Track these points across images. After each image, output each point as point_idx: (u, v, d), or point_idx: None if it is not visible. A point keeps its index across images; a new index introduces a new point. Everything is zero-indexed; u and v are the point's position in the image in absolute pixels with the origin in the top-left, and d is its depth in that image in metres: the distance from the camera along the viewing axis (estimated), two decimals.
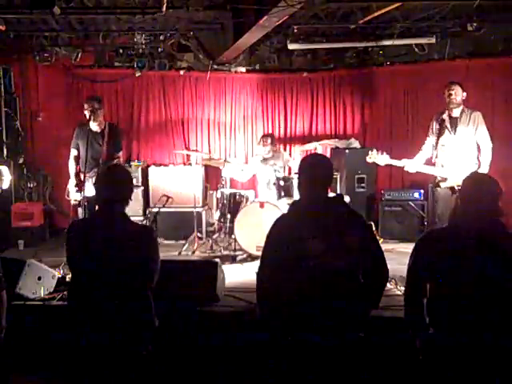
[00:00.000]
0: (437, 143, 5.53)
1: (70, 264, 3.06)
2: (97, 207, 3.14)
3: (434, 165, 5.59)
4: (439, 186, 5.48)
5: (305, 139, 8.19)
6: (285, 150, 8.09)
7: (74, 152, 6.02)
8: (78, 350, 2.91)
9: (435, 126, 5.58)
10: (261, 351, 3.10)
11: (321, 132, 8.39)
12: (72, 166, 5.99)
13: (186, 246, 6.75)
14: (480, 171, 5.00)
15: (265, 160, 7.17)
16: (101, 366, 2.86)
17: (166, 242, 7.08)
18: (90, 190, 5.78)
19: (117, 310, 2.83)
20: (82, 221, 4.41)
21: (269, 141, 7.16)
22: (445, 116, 5.52)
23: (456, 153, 5.45)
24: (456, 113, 5.49)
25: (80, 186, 5.68)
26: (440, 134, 5.51)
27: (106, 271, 2.83)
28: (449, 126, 5.48)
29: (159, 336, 3.06)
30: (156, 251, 2.96)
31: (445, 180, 5.39)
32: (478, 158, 5.46)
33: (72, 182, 5.91)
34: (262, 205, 6.35)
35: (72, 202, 5.96)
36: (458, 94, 5.42)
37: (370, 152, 5.66)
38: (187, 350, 4.11)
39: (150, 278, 2.90)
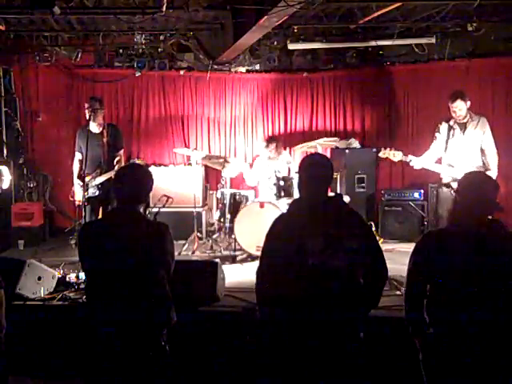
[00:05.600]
0: (446, 145, 5.58)
1: (85, 265, 3.08)
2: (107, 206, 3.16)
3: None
4: (449, 187, 5.49)
5: (305, 139, 8.17)
6: (284, 149, 8.08)
7: (78, 155, 6.07)
8: (97, 345, 2.94)
9: (444, 129, 5.62)
10: (260, 351, 3.09)
11: (321, 132, 8.38)
12: (76, 169, 6.03)
13: (186, 245, 6.75)
14: (489, 173, 5.02)
15: (268, 162, 7.19)
16: (120, 359, 2.89)
17: None
18: (91, 190, 5.82)
19: (137, 304, 2.88)
20: (93, 222, 4.45)
21: (274, 145, 7.19)
22: (452, 122, 5.60)
23: (464, 153, 5.54)
24: (464, 119, 5.56)
25: (83, 186, 5.71)
26: (449, 135, 5.58)
27: (125, 268, 2.88)
28: (458, 128, 5.57)
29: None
30: (172, 245, 3.06)
31: (455, 180, 5.42)
32: (482, 161, 5.52)
33: (76, 183, 5.94)
34: (262, 205, 6.35)
35: (77, 203, 6.00)
36: (462, 109, 5.50)
37: (382, 149, 5.73)
38: (187, 349, 4.11)
39: (167, 271, 2.99)
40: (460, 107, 5.47)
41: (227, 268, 5.40)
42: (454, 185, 5.43)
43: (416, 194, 7.44)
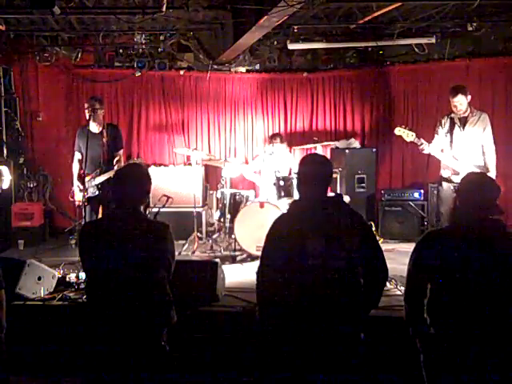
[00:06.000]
0: (451, 139, 5.59)
1: (86, 265, 3.08)
2: (108, 206, 3.19)
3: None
4: (450, 182, 5.49)
5: (305, 139, 8.19)
6: (285, 141, 8.03)
7: (77, 155, 6.07)
8: (97, 345, 2.94)
9: (445, 123, 5.63)
10: (260, 351, 3.09)
11: (321, 132, 8.38)
12: (76, 169, 6.03)
13: (186, 245, 6.75)
14: (489, 174, 5.01)
15: (270, 158, 7.17)
16: (120, 359, 2.90)
17: None
18: (91, 190, 5.82)
19: (137, 304, 2.88)
20: (94, 222, 4.44)
21: (278, 140, 7.18)
22: (453, 115, 5.61)
23: (465, 150, 5.54)
24: (464, 113, 5.56)
25: (83, 186, 5.71)
26: (451, 130, 5.59)
27: (125, 268, 2.88)
28: (458, 122, 5.58)
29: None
30: (172, 245, 3.06)
31: (458, 174, 5.42)
32: (484, 160, 5.52)
33: (76, 183, 5.95)
34: (262, 205, 6.35)
35: (77, 203, 6.00)
36: (462, 103, 5.51)
37: (398, 125, 5.74)
38: (187, 349, 4.11)
39: (168, 271, 2.98)
40: (461, 101, 5.48)
41: (227, 268, 5.40)
42: (455, 178, 5.44)
43: (416, 194, 7.45)
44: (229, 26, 6.39)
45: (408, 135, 5.61)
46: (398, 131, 5.69)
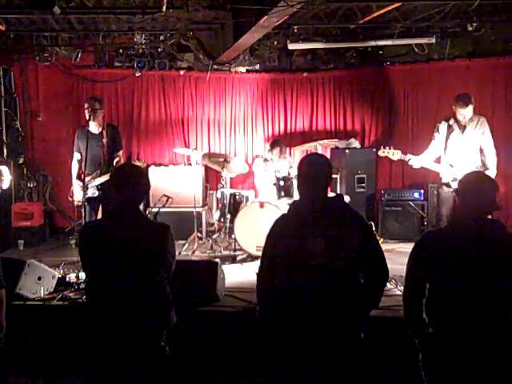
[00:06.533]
0: (446, 145, 5.57)
1: (86, 265, 3.08)
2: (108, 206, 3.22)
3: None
4: (449, 186, 5.50)
5: (305, 139, 8.18)
6: (285, 150, 8.04)
7: (76, 155, 6.07)
8: (97, 345, 2.95)
9: (443, 128, 5.61)
10: (260, 351, 3.10)
11: (321, 132, 8.38)
12: (75, 169, 6.03)
13: (186, 245, 6.75)
14: (488, 172, 5.01)
15: (269, 164, 7.14)
16: (120, 359, 2.90)
17: None
18: (90, 191, 5.82)
19: (137, 304, 2.89)
20: (94, 222, 4.44)
21: (278, 149, 7.09)
22: (451, 122, 5.58)
23: (464, 153, 5.54)
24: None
25: (83, 187, 5.71)
26: (449, 134, 5.57)
27: (125, 268, 2.88)
28: (457, 128, 5.56)
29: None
30: (173, 245, 3.06)
31: (455, 180, 5.42)
32: (482, 160, 5.52)
33: (75, 183, 5.94)
34: (262, 205, 6.35)
35: (75, 203, 6.00)
36: (470, 112, 5.50)
37: (381, 147, 5.82)
38: (187, 350, 4.11)
39: (168, 272, 2.99)
40: (469, 111, 5.48)
41: (227, 268, 5.40)
42: (454, 184, 5.43)
43: (416, 194, 7.45)
44: (229, 26, 6.38)
45: (394, 154, 5.71)
46: (382, 153, 5.80)
